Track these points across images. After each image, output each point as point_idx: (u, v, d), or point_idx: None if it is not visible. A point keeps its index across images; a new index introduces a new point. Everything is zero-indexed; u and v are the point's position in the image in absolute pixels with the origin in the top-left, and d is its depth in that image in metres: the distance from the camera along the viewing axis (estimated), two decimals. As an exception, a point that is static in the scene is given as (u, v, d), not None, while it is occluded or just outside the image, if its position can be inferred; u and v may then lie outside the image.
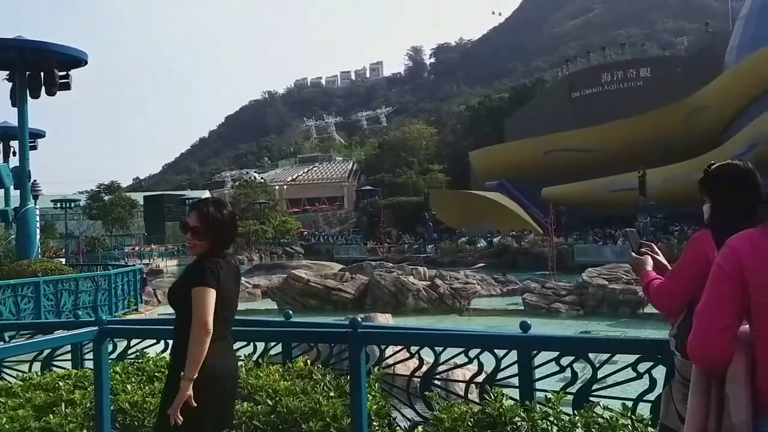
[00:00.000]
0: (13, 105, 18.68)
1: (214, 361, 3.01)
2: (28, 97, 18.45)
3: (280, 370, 4.47)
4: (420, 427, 3.93)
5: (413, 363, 5.16)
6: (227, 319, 3.17)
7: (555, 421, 3.34)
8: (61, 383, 4.58)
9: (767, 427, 1.91)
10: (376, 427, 4.01)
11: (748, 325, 1.98)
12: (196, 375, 2.93)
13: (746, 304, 1.92)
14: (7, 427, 3.86)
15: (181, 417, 2.90)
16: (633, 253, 2.94)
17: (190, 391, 2.91)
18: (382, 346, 5.15)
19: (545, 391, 3.84)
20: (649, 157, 48.64)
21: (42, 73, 18.18)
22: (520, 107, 75.30)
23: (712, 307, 1.96)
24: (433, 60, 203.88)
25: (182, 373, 2.94)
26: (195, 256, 3.15)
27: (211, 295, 2.98)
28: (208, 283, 2.99)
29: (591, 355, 3.89)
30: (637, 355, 3.70)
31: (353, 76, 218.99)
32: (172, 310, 3.34)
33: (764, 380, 1.92)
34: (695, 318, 2.02)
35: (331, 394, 4.11)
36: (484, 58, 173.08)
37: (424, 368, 4.82)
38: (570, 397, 3.81)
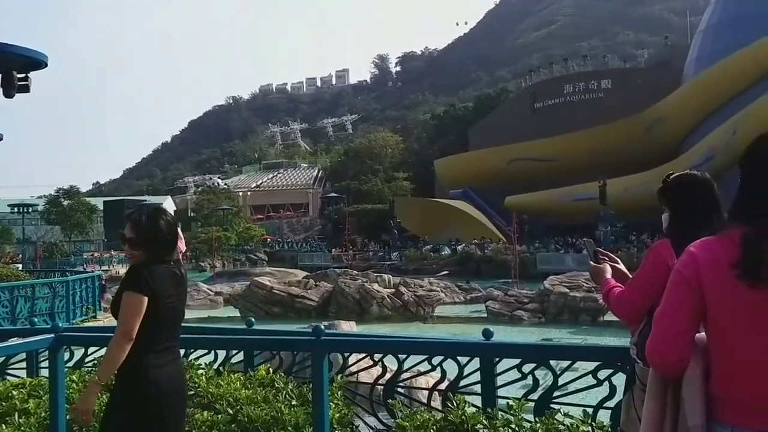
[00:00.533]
0: (-31, 107, 18.24)
1: (156, 373, 2.94)
2: (-15, 99, 17.98)
3: (242, 378, 4.41)
4: (382, 435, 3.91)
5: (376, 371, 5.15)
6: (167, 327, 3.08)
7: (517, 428, 3.36)
8: (14, 392, 4.46)
9: None
10: (339, 436, 3.99)
11: (704, 331, 2.02)
12: (130, 388, 2.89)
13: (703, 310, 1.95)
14: (-43, 438, 3.75)
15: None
16: (591, 262, 2.99)
17: (95, 398, 2.91)
18: (346, 354, 5.13)
19: (507, 398, 3.86)
20: (609, 167, 49.48)
21: (0, 75, 17.75)
22: (484, 116, 75.87)
23: (671, 312, 1.99)
24: (398, 68, 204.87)
25: (94, 374, 2.91)
26: None
27: (139, 300, 2.92)
28: (137, 288, 2.94)
29: (552, 363, 3.93)
30: (598, 362, 3.74)
31: (319, 83, 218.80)
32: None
33: (717, 386, 1.95)
34: (654, 323, 2.05)
35: (294, 402, 4.08)
36: (449, 68, 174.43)
37: (388, 376, 4.82)
38: (531, 404, 3.84)
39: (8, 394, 4.45)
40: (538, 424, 3.39)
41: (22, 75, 18.27)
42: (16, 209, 55.52)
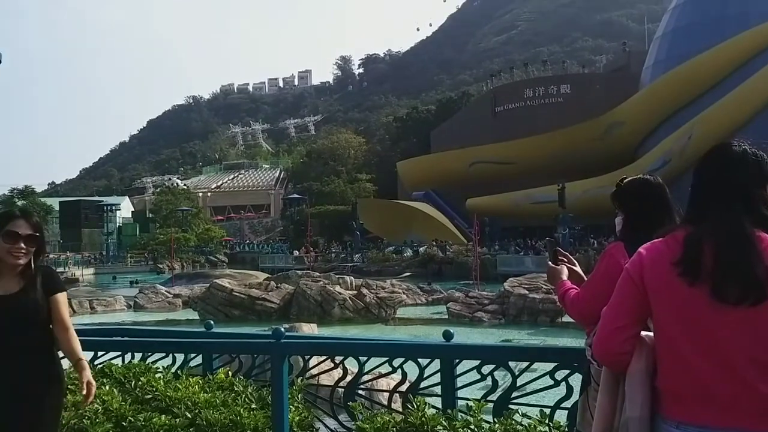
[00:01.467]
0: None
1: None
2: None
3: (200, 382, 4.35)
4: (343, 438, 3.91)
5: (337, 373, 5.14)
6: None
7: (476, 429, 3.38)
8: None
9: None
10: (299, 439, 3.97)
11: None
12: None
13: (647, 307, 2.03)
14: None
15: None
16: (549, 263, 3.02)
17: None
18: (306, 357, 5.10)
19: (467, 399, 3.89)
20: (568, 171, 50.20)
21: (-50, 71, 17.25)
22: (446, 119, 76.36)
23: (614, 307, 2.09)
24: (361, 70, 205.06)
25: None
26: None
27: None
28: None
29: (511, 364, 3.97)
30: (555, 363, 3.80)
31: (281, 84, 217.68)
32: (88, 320, 3.26)
33: (662, 381, 2.01)
34: (600, 318, 2.14)
35: (253, 405, 4.04)
36: (411, 70, 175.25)
37: (348, 378, 4.80)
38: (491, 405, 3.86)
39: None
40: (497, 425, 3.42)
41: (-26, 71, 17.81)
42: (-34, 209, 53.95)
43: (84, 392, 3.01)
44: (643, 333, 2.09)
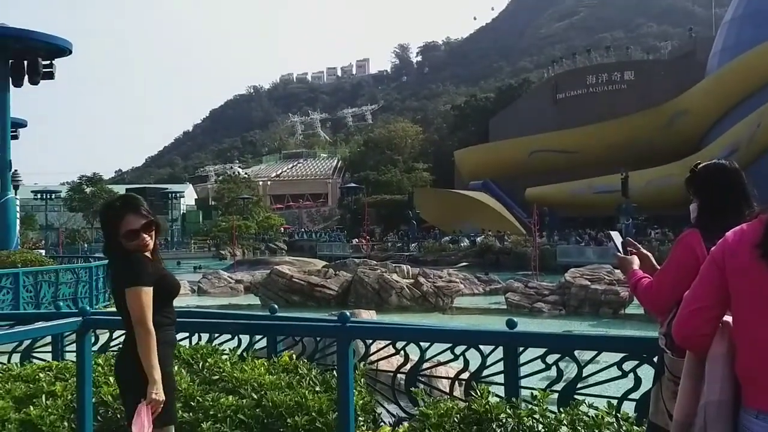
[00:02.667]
0: (-5, 94, 18.44)
1: None
2: (11, 86, 18.22)
3: (266, 364, 4.43)
4: (405, 423, 3.92)
5: (397, 360, 5.16)
6: None
7: (540, 419, 3.34)
8: (41, 375, 4.52)
9: (751, 423, 1.92)
10: (362, 422, 4.00)
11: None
12: None
13: (727, 290, 2.00)
14: (-14, 418, 3.80)
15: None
16: (618, 254, 2.95)
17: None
18: (368, 342, 5.14)
19: (530, 388, 3.85)
20: (631, 160, 49.04)
21: (25, 62, 17.95)
22: (506, 107, 75.49)
23: (695, 289, 2.08)
24: (419, 58, 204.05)
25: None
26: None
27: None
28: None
29: (576, 354, 3.91)
30: (623, 354, 3.71)
31: (339, 73, 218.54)
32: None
33: (741, 368, 1.96)
34: (682, 301, 2.13)
35: (317, 388, 4.09)
36: (470, 58, 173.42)
37: (409, 365, 4.82)
38: (554, 395, 3.81)
39: (35, 376, 4.51)
40: (563, 415, 3.37)
41: (47, 62, 18.51)
42: (39, 196, 56.23)
43: None
44: (725, 317, 2.05)
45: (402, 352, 4.90)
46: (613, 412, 3.43)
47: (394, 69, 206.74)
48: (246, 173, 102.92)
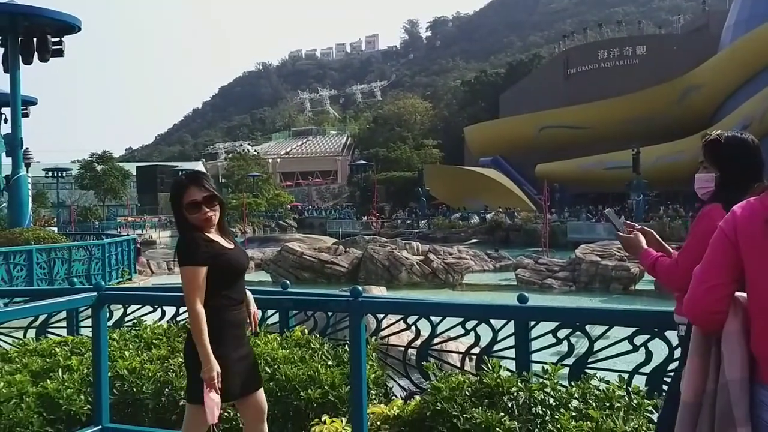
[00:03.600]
0: (5, 71, 18.42)
1: None
2: (21, 63, 18.21)
3: (278, 339, 4.48)
4: (417, 397, 3.95)
5: (407, 335, 5.19)
6: None
7: (552, 392, 3.35)
8: (57, 349, 4.57)
9: (765, 397, 1.93)
10: (374, 396, 4.04)
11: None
12: None
13: (741, 267, 1.97)
14: (4, 391, 3.86)
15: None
16: (619, 233, 2.89)
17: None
18: (379, 317, 5.17)
19: (541, 362, 3.86)
20: (642, 135, 48.67)
21: (35, 39, 17.92)
22: (516, 83, 74.96)
23: (706, 265, 2.04)
24: (429, 34, 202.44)
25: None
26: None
27: None
28: None
29: (587, 329, 3.92)
30: (635, 328, 3.72)
31: (348, 49, 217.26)
32: (166, 280, 3.35)
33: (755, 344, 1.95)
34: (692, 278, 2.08)
35: (329, 363, 4.13)
36: (480, 33, 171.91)
37: (420, 341, 4.85)
38: (565, 370, 3.83)
39: (51, 351, 4.57)
40: (574, 389, 3.38)
41: (57, 39, 18.47)
42: (50, 173, 56.43)
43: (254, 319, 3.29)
44: (737, 294, 2.03)
45: (413, 327, 4.93)
46: (624, 386, 3.44)
47: (403, 45, 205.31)
48: (255, 151, 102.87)
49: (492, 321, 4.31)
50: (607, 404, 3.24)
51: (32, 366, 4.27)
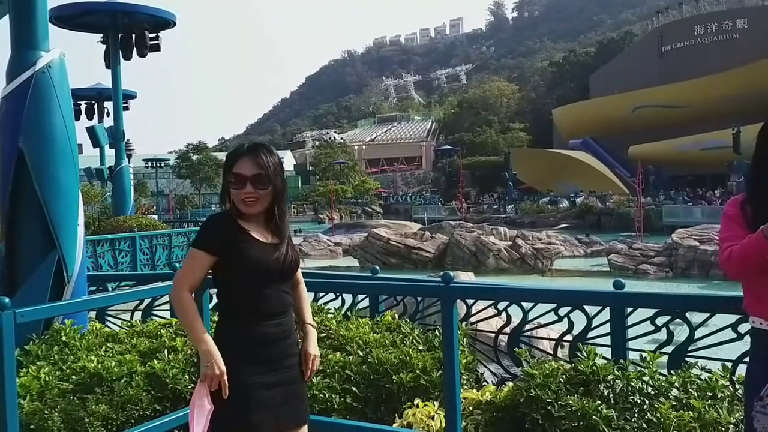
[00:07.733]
0: (107, 66, 19.40)
1: None
2: (121, 59, 19.11)
3: (369, 323, 4.54)
4: (509, 383, 3.93)
5: (497, 321, 5.16)
6: None
7: (650, 381, 3.26)
8: (162, 331, 4.79)
9: None
10: (465, 381, 4.05)
11: None
12: None
13: None
14: (116, 370, 4.07)
15: None
16: None
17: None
18: (469, 302, 5.16)
19: (638, 350, 3.76)
20: (743, 114, 46.04)
21: (133, 35, 18.76)
22: (607, 62, 72.77)
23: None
24: (515, 14, 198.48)
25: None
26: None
27: None
28: None
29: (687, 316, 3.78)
30: (739, 315, 3.55)
31: (432, 33, 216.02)
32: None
33: None
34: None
35: (420, 347, 4.16)
36: (569, 11, 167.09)
37: (510, 327, 4.82)
38: (664, 358, 3.71)
39: (157, 332, 4.79)
40: (674, 377, 3.28)
41: (154, 35, 19.27)
42: (149, 164, 59.06)
43: (308, 365, 2.65)
44: None
45: (504, 313, 4.89)
46: (728, 375, 3.31)
47: (488, 27, 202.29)
48: (341, 138, 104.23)
49: (586, 307, 4.22)
50: (710, 394, 3.13)
51: (140, 347, 4.49)
